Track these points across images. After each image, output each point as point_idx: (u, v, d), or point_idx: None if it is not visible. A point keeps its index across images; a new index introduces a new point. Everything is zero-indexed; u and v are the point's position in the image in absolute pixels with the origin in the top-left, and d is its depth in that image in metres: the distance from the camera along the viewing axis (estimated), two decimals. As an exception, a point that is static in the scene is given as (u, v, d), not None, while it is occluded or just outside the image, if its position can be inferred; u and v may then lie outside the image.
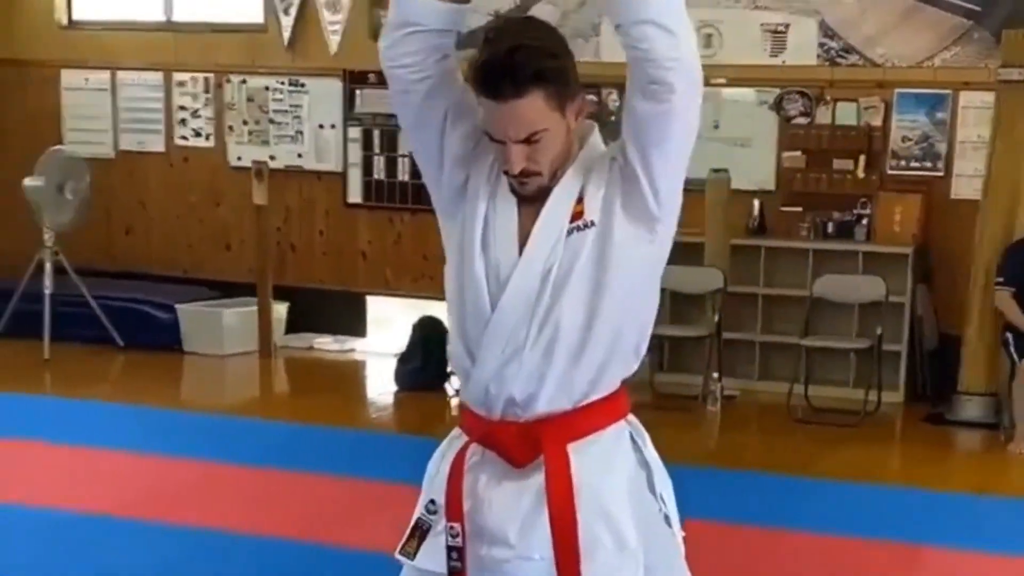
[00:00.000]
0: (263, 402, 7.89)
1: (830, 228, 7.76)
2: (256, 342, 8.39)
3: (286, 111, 9.04)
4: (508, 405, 2.45)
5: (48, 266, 8.19)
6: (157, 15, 9.52)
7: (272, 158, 8.91)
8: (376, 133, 8.77)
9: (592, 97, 8.18)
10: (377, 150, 8.79)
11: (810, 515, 5.53)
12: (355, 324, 8.81)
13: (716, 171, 7.51)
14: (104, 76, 9.54)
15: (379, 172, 8.81)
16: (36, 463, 5.99)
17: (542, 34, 2.41)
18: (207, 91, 9.29)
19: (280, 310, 8.60)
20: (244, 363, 8.34)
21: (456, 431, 2.56)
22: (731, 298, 7.56)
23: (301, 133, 9.00)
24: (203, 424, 6.81)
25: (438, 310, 8.05)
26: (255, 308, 8.41)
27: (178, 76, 9.37)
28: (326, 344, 8.66)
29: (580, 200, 2.41)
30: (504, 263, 2.43)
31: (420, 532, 2.53)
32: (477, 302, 2.45)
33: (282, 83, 9.04)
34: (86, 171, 8.61)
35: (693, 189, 7.76)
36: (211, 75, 9.27)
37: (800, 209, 7.84)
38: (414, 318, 7.91)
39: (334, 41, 8.91)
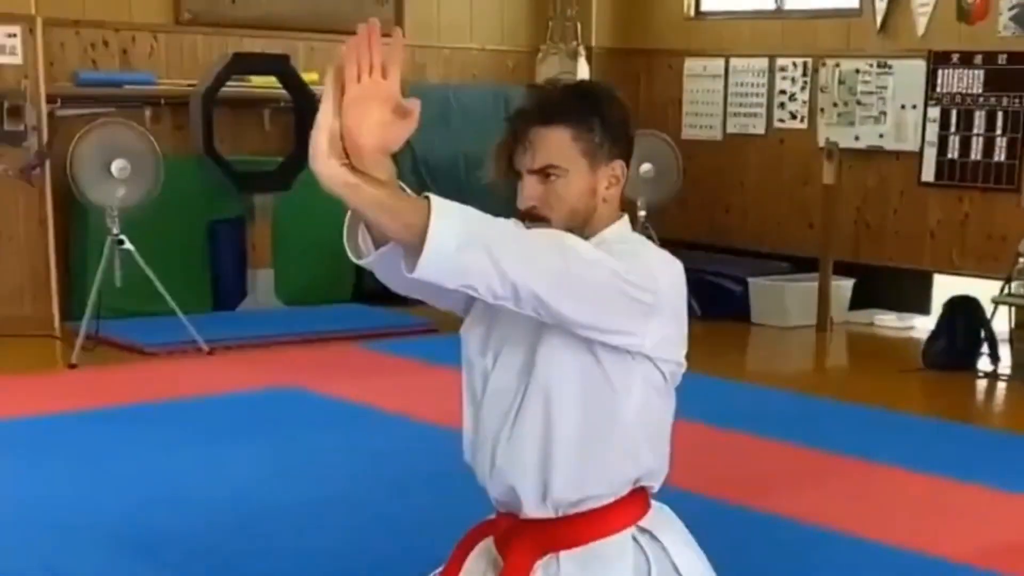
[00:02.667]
0: (801, 374, 8.11)
1: None
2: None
3: (872, 92, 9.30)
4: (500, 504, 2.43)
5: (639, 239, 9.06)
6: (768, 4, 10.12)
7: (856, 139, 9.28)
8: (954, 113, 8.84)
9: None
10: (953, 129, 8.87)
11: None
12: (920, 302, 8.98)
13: None
14: (719, 63, 10.28)
15: (953, 151, 8.86)
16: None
17: (597, 88, 2.40)
18: (805, 75, 9.75)
19: (846, 286, 8.94)
20: (802, 336, 8.73)
21: None
22: None
23: (884, 114, 9.23)
24: (754, 396, 7.05)
25: (982, 289, 8.05)
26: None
27: (781, 61, 9.90)
28: (887, 321, 8.90)
29: None
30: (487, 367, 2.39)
31: None
32: (468, 404, 2.44)
33: (871, 65, 9.30)
34: (671, 152, 9.38)
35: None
36: (809, 59, 9.71)
37: None
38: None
39: (922, 23, 9.04)
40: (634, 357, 2.27)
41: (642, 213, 9.14)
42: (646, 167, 9.23)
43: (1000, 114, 8.63)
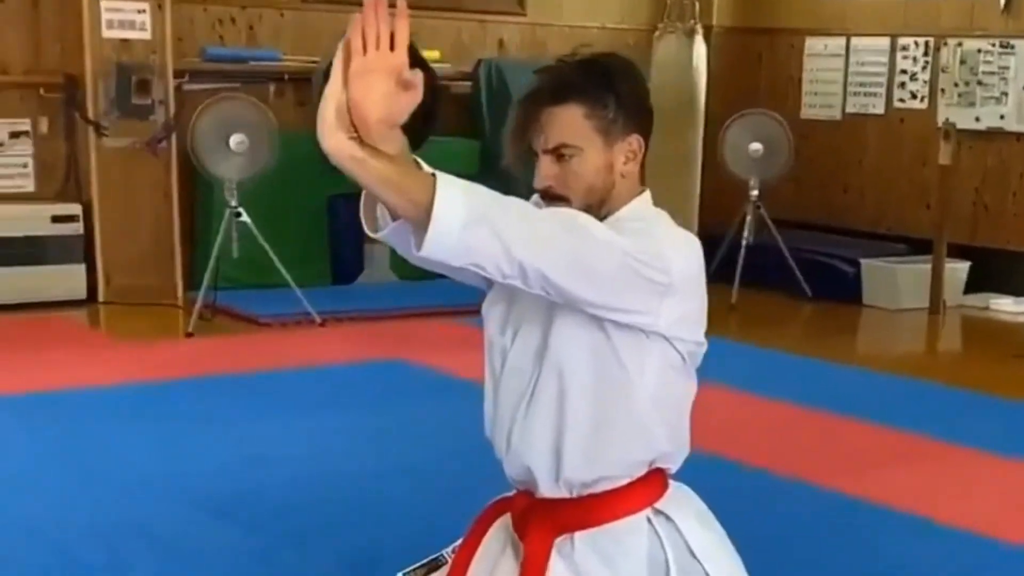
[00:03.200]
0: (910, 357, 7.99)
1: None
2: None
3: (994, 73, 9.16)
4: (516, 482, 2.43)
5: (749, 219, 9.06)
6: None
7: (977, 120, 9.16)
8: (1077, 94, 8.71)
9: None
10: (1075, 111, 8.73)
11: None
12: (1038, 286, 8.88)
13: None
14: (840, 42, 10.19)
15: (1073, 134, 8.74)
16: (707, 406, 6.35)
17: (610, 62, 2.34)
18: (926, 55, 9.63)
19: (961, 269, 8.84)
20: (914, 319, 8.64)
21: None
22: None
23: (1005, 95, 9.09)
24: (861, 379, 6.93)
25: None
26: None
27: (902, 41, 9.79)
28: (1003, 305, 8.77)
29: None
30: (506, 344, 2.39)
31: (432, 566, 2.56)
32: (488, 381, 2.44)
33: (993, 45, 9.17)
34: (781, 131, 9.31)
35: None
36: (931, 39, 9.59)
37: None
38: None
39: (1046, 1, 8.92)
40: (648, 336, 2.24)
41: (754, 192, 9.13)
42: (755, 146, 9.20)
43: (1125, 96, 8.48)
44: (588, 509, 2.30)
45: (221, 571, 3.88)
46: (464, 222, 1.99)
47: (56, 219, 8.31)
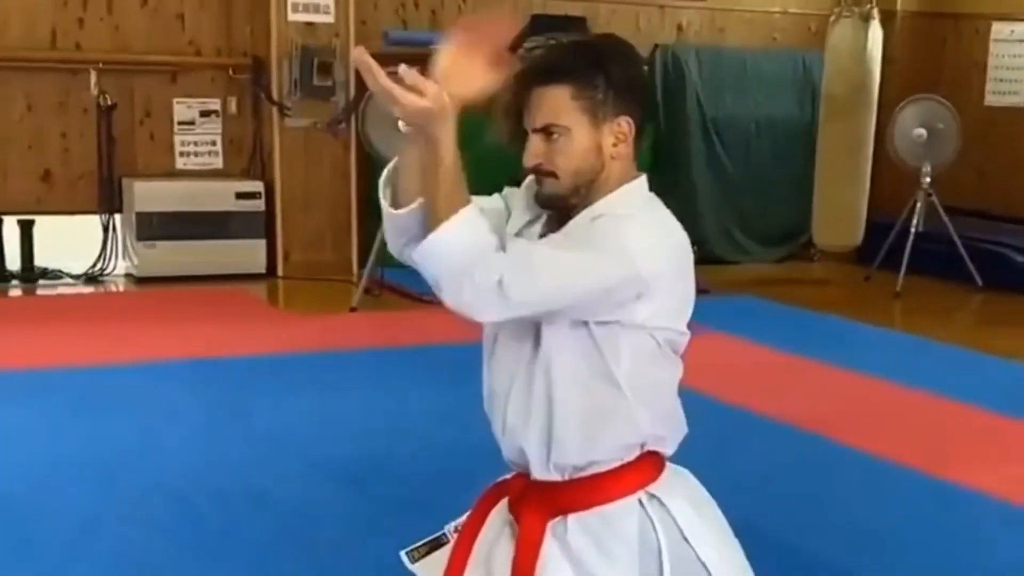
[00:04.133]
0: None
1: None
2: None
3: None
4: (513, 464, 2.44)
5: (919, 206, 8.95)
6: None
7: None
8: None
9: None
10: None
11: None
12: None
13: None
14: (1028, 28, 10.01)
15: None
16: (864, 397, 6.18)
17: (602, 44, 2.35)
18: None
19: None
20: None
21: None
22: None
23: None
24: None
25: None
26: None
27: (1090, 26, 9.58)
28: None
29: None
30: None
31: (435, 544, 2.55)
32: (485, 362, 2.44)
33: None
34: (950, 117, 9.14)
35: None
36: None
37: None
38: None
39: None
40: (623, 325, 2.24)
41: (926, 180, 9.01)
42: (919, 131, 9.07)
43: None
44: (580, 491, 2.32)
45: (318, 531, 4.12)
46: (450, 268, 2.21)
47: (240, 196, 8.71)
